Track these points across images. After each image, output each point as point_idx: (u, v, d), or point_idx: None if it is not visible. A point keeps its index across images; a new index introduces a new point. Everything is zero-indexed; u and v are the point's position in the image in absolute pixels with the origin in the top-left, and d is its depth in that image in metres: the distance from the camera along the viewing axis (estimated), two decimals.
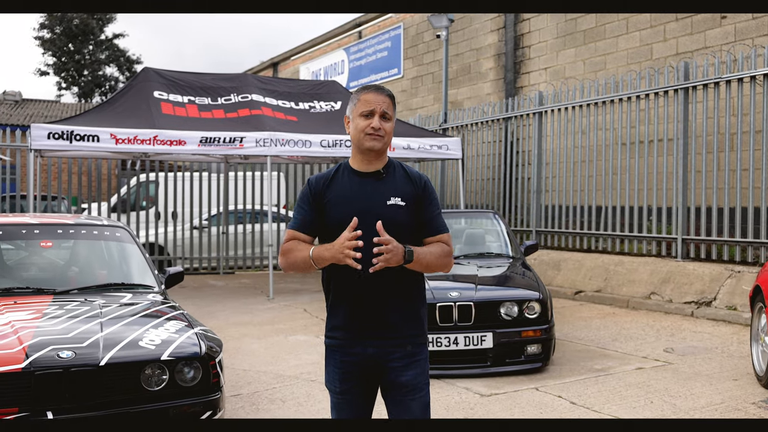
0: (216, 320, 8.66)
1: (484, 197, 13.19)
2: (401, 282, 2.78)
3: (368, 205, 2.78)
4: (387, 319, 2.77)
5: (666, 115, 9.63)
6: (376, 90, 2.87)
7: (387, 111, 2.82)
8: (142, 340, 3.83)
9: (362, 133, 2.80)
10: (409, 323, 2.80)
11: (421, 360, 2.82)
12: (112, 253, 5.12)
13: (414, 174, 2.90)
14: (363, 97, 2.85)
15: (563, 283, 10.45)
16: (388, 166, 2.89)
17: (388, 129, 2.83)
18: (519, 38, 14.52)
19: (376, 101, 2.82)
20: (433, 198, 2.88)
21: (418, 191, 2.84)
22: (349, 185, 2.84)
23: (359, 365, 2.79)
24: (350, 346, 2.80)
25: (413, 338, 2.81)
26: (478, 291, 5.89)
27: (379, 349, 2.77)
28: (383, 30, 19.31)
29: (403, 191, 2.82)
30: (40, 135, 9.49)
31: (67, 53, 41.01)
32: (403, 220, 2.78)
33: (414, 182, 2.86)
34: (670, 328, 7.75)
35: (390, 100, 2.87)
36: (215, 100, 11.31)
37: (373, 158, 2.84)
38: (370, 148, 2.79)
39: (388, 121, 2.83)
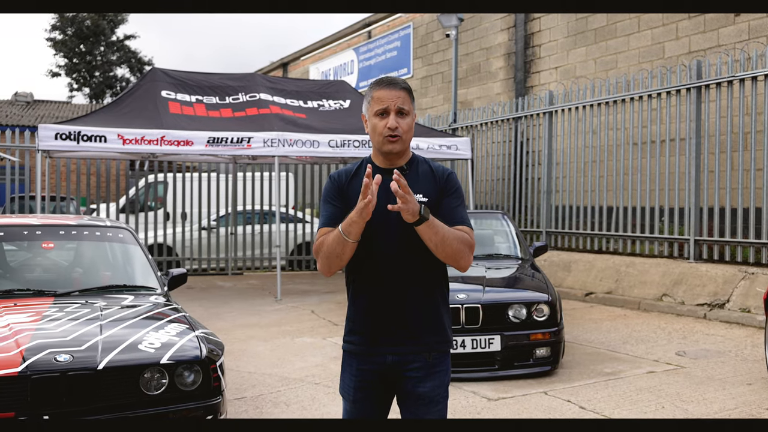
0: (222, 322, 8.61)
1: (494, 198, 13.08)
2: (423, 283, 2.65)
3: (390, 203, 2.60)
4: (407, 322, 2.63)
5: (678, 114, 9.50)
6: (389, 84, 2.66)
7: (403, 106, 2.63)
8: (141, 344, 3.76)
9: (380, 136, 2.63)
10: (430, 328, 2.66)
11: (441, 371, 2.67)
12: (114, 254, 5.07)
13: (438, 168, 2.75)
14: (376, 94, 2.67)
15: (574, 284, 10.33)
16: (411, 162, 2.73)
17: (405, 126, 2.64)
18: (529, 37, 14.41)
19: (390, 97, 2.62)
20: (454, 190, 2.72)
21: (440, 184, 2.69)
22: None
23: (377, 374, 2.66)
24: (369, 353, 2.67)
25: (435, 345, 2.66)
26: (485, 293, 5.80)
27: (399, 357, 2.64)
28: (392, 30, 19.23)
29: (426, 187, 2.68)
30: (47, 135, 9.47)
31: (79, 54, 41.18)
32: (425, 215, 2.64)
33: (438, 176, 2.71)
34: (682, 330, 7.62)
35: (405, 92, 2.66)
36: (223, 99, 11.27)
37: (395, 157, 2.69)
38: (389, 151, 2.64)
39: (405, 116, 2.64)
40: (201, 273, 13.66)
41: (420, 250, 2.60)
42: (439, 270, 2.68)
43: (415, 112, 2.75)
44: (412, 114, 2.69)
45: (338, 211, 2.71)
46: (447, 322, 2.73)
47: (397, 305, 2.64)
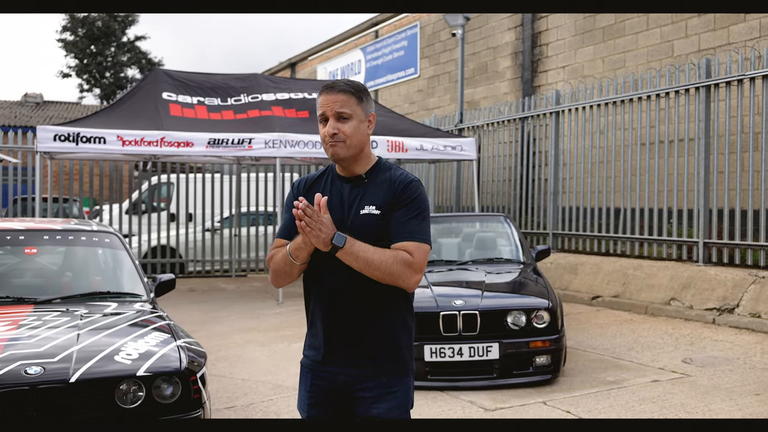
0: (221, 326, 8.48)
1: (501, 199, 12.89)
2: (381, 305, 2.50)
3: (342, 214, 2.51)
4: (361, 344, 2.50)
5: (687, 114, 9.28)
6: (327, 89, 2.53)
7: (342, 110, 2.47)
8: (118, 354, 3.62)
9: (323, 142, 2.52)
10: (385, 351, 2.51)
11: (398, 393, 2.51)
12: (99, 260, 4.94)
13: (396, 177, 2.54)
14: (318, 99, 2.55)
15: (580, 287, 10.13)
16: (373, 169, 2.57)
17: (347, 131, 2.47)
18: (536, 36, 14.20)
19: (326, 103, 2.50)
20: (410, 200, 2.49)
21: (394, 194, 2.50)
22: (329, 190, 2.58)
23: (328, 392, 2.54)
24: (321, 369, 2.55)
25: (388, 369, 2.51)
26: (483, 299, 5.63)
27: (350, 378, 2.50)
28: (399, 29, 19.07)
29: (380, 198, 2.50)
30: (46, 137, 9.37)
31: (90, 55, 41.23)
32: (376, 230, 2.47)
33: (396, 185, 2.51)
34: (689, 336, 7.42)
35: (347, 95, 2.50)
36: (225, 101, 11.15)
37: (348, 164, 2.54)
38: (332, 156, 2.51)
39: (346, 120, 2.48)
40: (205, 275, 13.55)
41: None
42: (396, 289, 2.50)
43: (370, 113, 2.56)
44: (358, 117, 2.50)
45: (292, 221, 2.57)
46: (404, 343, 2.56)
47: (349, 326, 2.50)
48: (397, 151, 10.72)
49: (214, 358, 6.81)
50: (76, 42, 40.57)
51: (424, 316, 5.46)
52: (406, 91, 18.84)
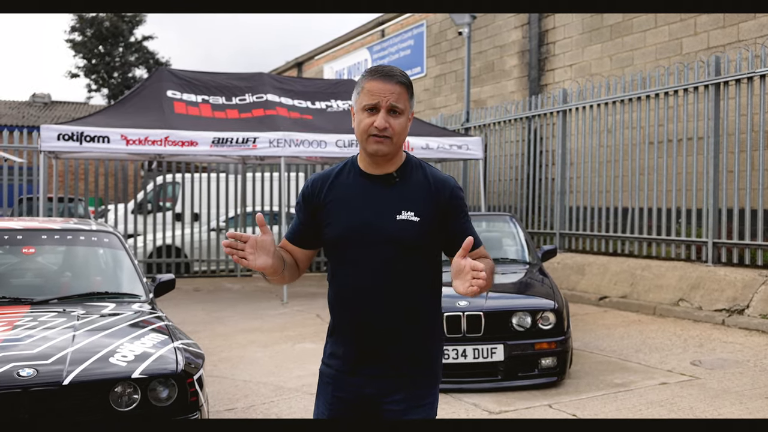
0: (224, 326, 8.42)
1: (507, 198, 12.79)
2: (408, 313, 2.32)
3: (373, 219, 2.29)
4: (393, 353, 2.32)
5: (696, 112, 9.16)
6: (384, 76, 2.26)
7: (396, 104, 2.24)
8: (114, 356, 3.55)
9: (365, 134, 2.27)
10: (417, 362, 2.34)
11: (426, 405, 2.34)
12: (98, 259, 4.87)
13: (438, 179, 2.34)
14: (367, 85, 2.27)
15: (587, 288, 10.02)
16: (404, 167, 2.35)
17: (397, 127, 2.25)
18: (543, 34, 14.09)
19: (382, 91, 2.23)
20: (462, 207, 2.35)
21: (441, 202, 2.31)
22: (354, 190, 2.34)
23: (350, 404, 2.36)
24: (345, 380, 2.36)
25: (420, 380, 2.34)
26: (488, 300, 5.54)
27: (377, 390, 2.33)
28: (406, 28, 18.98)
29: (419, 202, 2.29)
30: (49, 136, 9.34)
31: (98, 55, 41.32)
32: (414, 240, 2.28)
33: (436, 190, 2.31)
34: (698, 337, 7.30)
35: (403, 87, 2.27)
36: (229, 100, 11.10)
37: (383, 161, 2.32)
38: (374, 152, 2.27)
39: (398, 116, 2.26)
40: (210, 275, 13.51)
41: (407, 278, 2.30)
42: (428, 297, 2.37)
43: (412, 111, 2.36)
44: (407, 113, 2.31)
45: (301, 225, 2.45)
46: (437, 351, 2.42)
47: (379, 334, 2.32)
48: None
49: (216, 359, 6.76)
50: (85, 42, 40.67)
51: None
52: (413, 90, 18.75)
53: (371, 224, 2.29)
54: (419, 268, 2.34)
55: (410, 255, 2.30)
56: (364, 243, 2.30)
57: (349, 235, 2.31)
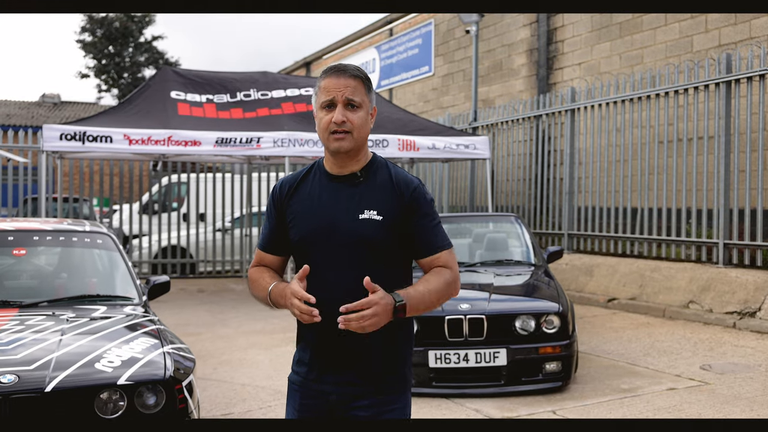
0: (226, 328, 8.33)
1: (515, 198, 12.64)
2: None
3: (335, 219, 2.26)
4: (358, 360, 2.26)
5: (707, 110, 8.98)
6: (337, 72, 2.27)
7: (353, 97, 2.24)
8: (99, 361, 3.44)
9: (325, 131, 2.26)
10: (385, 367, 2.28)
11: (395, 410, 2.29)
12: (90, 261, 4.78)
13: (401, 178, 2.31)
14: (323, 83, 2.28)
15: (596, 289, 9.85)
16: (369, 167, 2.32)
17: (356, 121, 2.24)
18: (552, 32, 13.92)
19: (337, 86, 2.24)
20: (425, 207, 2.30)
21: (404, 201, 2.27)
22: (318, 192, 2.32)
23: (319, 412, 2.30)
24: (312, 386, 2.32)
25: (387, 386, 2.29)
26: (491, 302, 5.40)
27: (344, 397, 2.27)
28: (414, 27, 18.85)
29: (382, 201, 2.26)
30: (52, 136, 9.27)
31: (108, 56, 41.41)
32: (377, 238, 2.23)
33: (398, 189, 2.28)
34: (708, 341, 7.14)
35: (357, 81, 2.27)
36: (234, 97, 10.99)
37: (346, 159, 2.30)
38: (336, 149, 2.25)
39: (356, 109, 2.25)
40: (215, 275, 13.43)
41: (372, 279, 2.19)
42: None
43: (373, 106, 2.33)
44: (366, 107, 2.28)
45: (272, 232, 2.41)
46: (406, 356, 2.35)
47: (345, 341, 2.24)
48: (408, 150, 10.51)
49: (216, 361, 6.66)
50: (95, 43, 40.76)
51: (428, 321, 5.25)
52: (421, 90, 18.62)
53: (334, 225, 2.26)
54: (385, 269, 2.25)
55: (374, 255, 2.23)
56: (327, 244, 2.26)
57: (312, 236, 2.29)
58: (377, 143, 10.25)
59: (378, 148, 10.26)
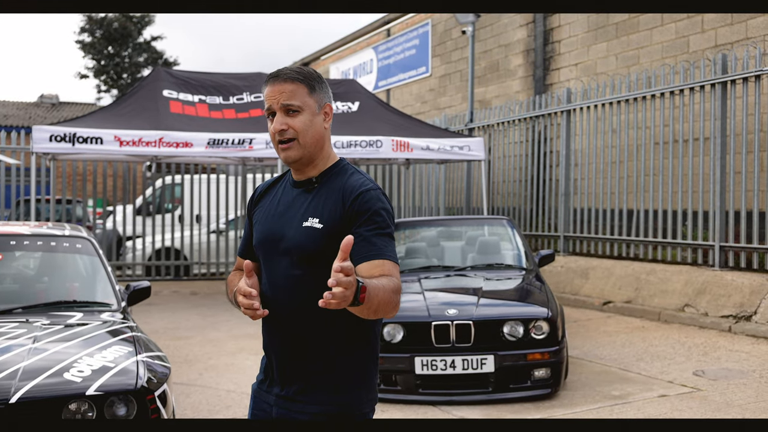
0: (217, 332, 8.24)
1: (512, 200, 12.54)
2: (323, 326, 2.10)
3: (281, 227, 2.19)
4: (299, 371, 2.14)
5: (702, 111, 8.88)
6: (273, 78, 2.16)
7: (289, 102, 2.11)
8: (69, 371, 3.35)
9: (274, 142, 2.19)
10: (339, 383, 2.13)
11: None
12: (69, 266, 4.69)
13: (349, 183, 2.16)
14: (264, 93, 2.19)
15: (591, 292, 9.75)
16: (327, 172, 2.20)
17: (299, 125, 2.12)
18: (549, 33, 13.82)
19: (272, 93, 2.14)
20: (368, 213, 2.10)
21: (345, 207, 2.11)
22: (279, 198, 2.27)
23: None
24: (262, 396, 2.26)
25: (344, 405, 2.13)
26: (479, 308, 5.31)
27: (286, 413, 2.15)
28: (411, 27, 18.75)
29: (327, 208, 2.13)
30: (41, 138, 9.16)
31: (107, 56, 41.37)
32: (314, 247, 2.09)
33: (342, 195, 2.14)
34: (703, 345, 7.04)
35: (294, 83, 2.13)
36: (227, 99, 10.90)
37: (301, 166, 2.20)
38: (284, 159, 2.17)
39: (297, 114, 2.13)
40: (210, 278, 13.34)
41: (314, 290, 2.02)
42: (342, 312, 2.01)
43: (324, 103, 2.19)
44: (309, 109, 2.14)
45: (247, 234, 2.36)
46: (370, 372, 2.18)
47: (288, 352, 2.17)
48: (402, 151, 10.43)
49: (202, 366, 6.57)
50: (94, 43, 40.72)
51: (415, 326, 5.16)
52: (418, 90, 18.53)
53: (279, 233, 2.19)
54: (324, 279, 1.99)
55: (315, 264, 2.10)
56: (273, 252, 2.19)
57: (262, 244, 2.23)
58: (371, 144, 10.16)
59: (372, 149, 10.18)
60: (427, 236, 7.16)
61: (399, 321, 5.14)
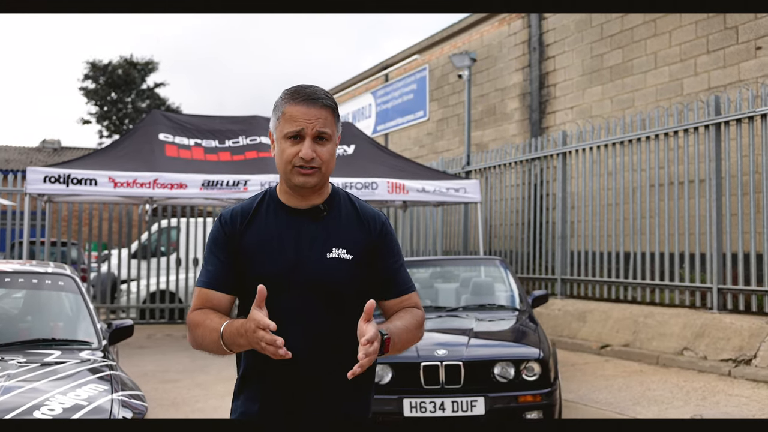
0: (206, 375, 8.10)
1: (509, 243, 12.47)
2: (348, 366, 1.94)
3: (299, 258, 2.04)
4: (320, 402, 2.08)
5: (697, 153, 8.88)
6: (308, 99, 2.00)
7: (324, 129, 2.00)
8: (39, 409, 3.25)
9: (288, 164, 2.02)
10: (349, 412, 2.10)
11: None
12: (50, 304, 4.61)
13: (368, 213, 2.12)
14: (288, 109, 2.01)
15: (588, 336, 9.61)
16: (331, 199, 2.12)
17: (325, 155, 2.02)
18: (544, 77, 13.94)
19: (307, 117, 1.99)
20: (393, 245, 2.13)
21: (373, 237, 2.08)
22: (276, 226, 2.09)
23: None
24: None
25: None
26: (469, 348, 5.20)
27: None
28: (409, 72, 18.95)
29: (351, 238, 2.06)
30: (36, 179, 9.16)
31: (110, 102, 41.83)
32: (348, 280, 2.04)
33: (367, 224, 2.09)
34: (702, 390, 6.89)
35: (328, 111, 2.02)
36: (223, 143, 10.95)
37: (309, 193, 2.08)
38: (301, 185, 2.03)
39: (325, 143, 2.02)
40: None
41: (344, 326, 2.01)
42: None
43: (338, 135, 2.11)
44: (334, 139, 2.06)
45: (223, 267, 2.12)
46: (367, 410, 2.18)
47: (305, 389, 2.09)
48: (398, 193, 10.41)
49: (189, 409, 6.44)
50: (97, 89, 41.22)
51: (403, 367, 5.04)
52: (416, 135, 18.63)
53: (298, 266, 2.04)
54: (356, 313, 1.99)
55: (346, 297, 2.03)
56: (290, 286, 2.03)
57: (274, 277, 2.03)
58: (366, 186, 10.15)
59: (368, 191, 10.16)
60: (420, 277, 7.07)
61: (387, 362, 5.02)
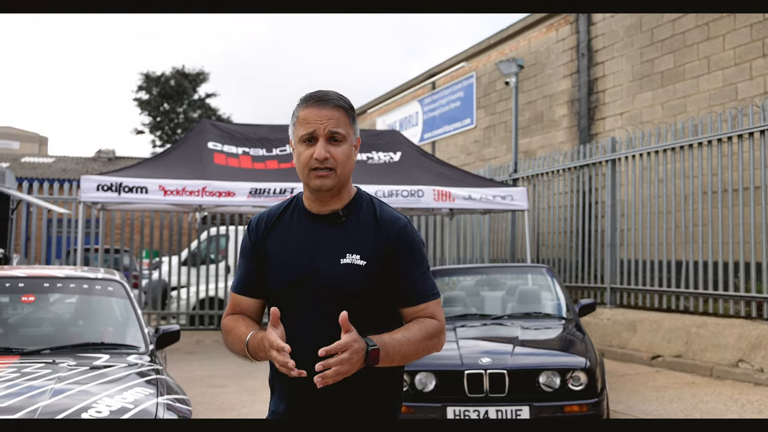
0: (253, 380, 8.19)
1: (557, 251, 12.30)
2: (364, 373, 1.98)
3: (315, 264, 2.06)
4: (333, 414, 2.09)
5: (752, 159, 8.62)
6: (319, 101, 2.05)
7: (336, 130, 2.04)
8: (87, 411, 3.32)
9: (305, 167, 2.06)
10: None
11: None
12: (99, 308, 4.71)
13: (386, 217, 2.10)
14: (301, 113, 2.06)
15: (639, 346, 9.40)
16: (352, 204, 2.13)
17: (340, 156, 2.04)
18: (593, 83, 13.74)
19: (318, 118, 2.03)
20: (412, 251, 2.08)
21: (388, 242, 2.06)
22: (297, 232, 2.12)
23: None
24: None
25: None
26: (513, 356, 5.13)
27: None
28: (456, 80, 18.90)
29: (365, 243, 2.06)
30: (89, 187, 9.41)
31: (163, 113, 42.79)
32: (360, 287, 2.04)
33: (384, 228, 2.07)
34: (757, 403, 6.66)
35: (341, 111, 2.06)
36: (270, 151, 11.07)
37: (328, 197, 2.10)
38: (317, 188, 2.06)
39: (339, 143, 2.05)
40: None
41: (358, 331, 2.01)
42: None
43: (357, 137, 2.13)
44: (350, 140, 2.07)
45: (250, 272, 2.18)
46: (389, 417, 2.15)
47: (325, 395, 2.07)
48: (444, 200, 10.38)
49: (236, 414, 6.52)
50: (150, 100, 42.21)
51: (447, 375, 5.01)
52: (463, 142, 18.55)
53: (313, 271, 2.05)
54: (371, 319, 2.03)
55: (358, 304, 2.01)
56: (306, 291, 2.05)
57: (290, 283, 2.07)
58: (412, 193, 10.14)
59: (413, 198, 10.16)
60: (465, 285, 7.02)
61: (431, 369, 4.99)
